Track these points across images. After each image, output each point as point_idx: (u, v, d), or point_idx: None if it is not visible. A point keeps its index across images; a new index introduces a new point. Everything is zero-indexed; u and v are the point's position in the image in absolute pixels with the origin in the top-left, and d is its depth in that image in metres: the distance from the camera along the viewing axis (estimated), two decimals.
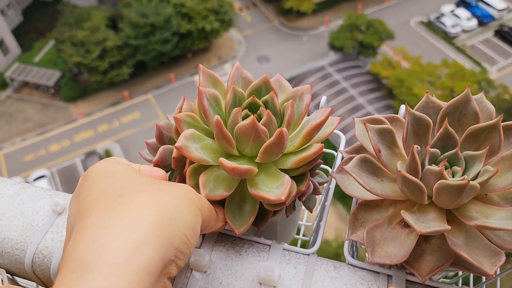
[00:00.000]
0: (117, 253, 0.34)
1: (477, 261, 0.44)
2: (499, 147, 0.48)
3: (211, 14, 14.26)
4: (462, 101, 0.51)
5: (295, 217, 0.66)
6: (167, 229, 0.37)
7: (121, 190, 0.40)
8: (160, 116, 13.78)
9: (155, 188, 0.41)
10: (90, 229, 0.36)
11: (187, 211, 0.40)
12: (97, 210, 0.38)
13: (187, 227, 0.39)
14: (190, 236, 0.39)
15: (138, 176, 0.43)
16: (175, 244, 0.37)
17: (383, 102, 12.74)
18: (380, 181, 0.51)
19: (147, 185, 0.41)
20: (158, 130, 0.55)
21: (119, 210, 0.37)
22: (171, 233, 0.37)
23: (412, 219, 0.44)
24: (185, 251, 0.39)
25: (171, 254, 0.37)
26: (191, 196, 0.43)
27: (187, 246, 0.39)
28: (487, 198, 0.49)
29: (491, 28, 15.39)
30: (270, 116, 0.50)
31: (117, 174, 0.42)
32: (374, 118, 0.55)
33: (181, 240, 0.38)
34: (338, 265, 0.53)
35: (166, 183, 0.43)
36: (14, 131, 14.00)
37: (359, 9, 16.31)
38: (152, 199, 0.39)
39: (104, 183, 0.41)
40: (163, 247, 0.36)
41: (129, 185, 0.41)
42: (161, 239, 0.36)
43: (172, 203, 0.40)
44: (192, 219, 0.40)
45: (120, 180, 0.41)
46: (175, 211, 0.39)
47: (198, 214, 0.42)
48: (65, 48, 13.66)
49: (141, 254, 0.34)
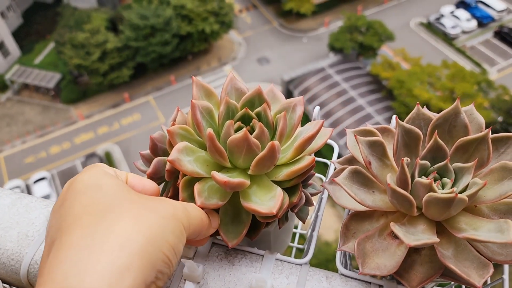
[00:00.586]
0: (99, 278, 0.33)
1: (465, 273, 0.44)
2: (488, 159, 0.49)
3: (211, 16, 14.28)
4: (452, 113, 0.52)
5: (289, 226, 0.67)
6: (151, 251, 0.36)
7: (107, 207, 0.39)
8: (160, 118, 13.80)
9: (141, 206, 0.40)
10: (72, 249, 0.35)
11: (171, 232, 0.40)
12: (80, 227, 0.37)
13: (170, 248, 0.39)
14: (172, 257, 0.39)
15: (125, 191, 0.42)
16: (157, 266, 0.37)
17: (383, 104, 12.74)
18: (371, 193, 0.52)
19: (134, 202, 0.40)
20: (152, 142, 0.56)
21: (104, 230, 0.36)
22: (154, 256, 0.37)
23: (401, 232, 0.45)
24: (166, 272, 0.39)
25: (152, 276, 0.36)
26: (178, 214, 0.42)
27: (168, 266, 0.39)
28: (477, 209, 0.50)
29: (491, 29, 15.40)
30: (263, 129, 0.50)
31: (104, 188, 0.41)
32: (365, 130, 0.56)
33: (163, 262, 0.38)
34: (330, 275, 0.54)
35: (154, 199, 0.43)
36: (14, 133, 14.01)
37: (359, 10, 16.32)
38: (138, 219, 0.38)
39: (89, 197, 0.40)
40: (145, 270, 0.35)
41: (116, 201, 0.40)
42: (144, 262, 0.35)
43: (157, 222, 0.39)
44: (175, 240, 0.40)
45: (107, 195, 0.40)
46: (161, 232, 0.38)
47: (182, 233, 0.41)
48: (65, 50, 13.68)
49: (124, 279, 0.33)
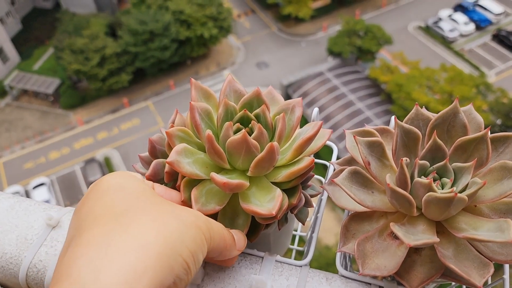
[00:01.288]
0: (114, 277, 0.32)
1: (466, 273, 0.44)
2: (487, 159, 0.49)
3: (209, 21, 14.32)
4: (451, 113, 0.52)
5: (289, 228, 0.67)
6: (169, 254, 0.36)
7: (128, 207, 0.38)
8: (159, 123, 13.80)
9: (164, 209, 0.40)
10: (89, 247, 0.35)
11: (192, 239, 0.39)
12: (99, 226, 0.37)
13: (189, 255, 0.38)
14: (191, 264, 0.38)
15: (149, 195, 0.41)
16: (175, 270, 0.36)
17: (382, 107, 12.76)
18: (370, 193, 0.51)
19: (156, 205, 0.40)
20: (151, 144, 0.56)
21: (122, 229, 0.36)
22: (172, 259, 0.36)
23: (401, 232, 0.45)
24: (184, 278, 0.38)
25: (170, 281, 0.35)
26: (199, 224, 0.41)
27: (187, 273, 0.38)
28: (477, 209, 0.50)
29: (489, 32, 15.46)
30: (261, 130, 0.50)
31: (128, 190, 0.41)
32: (364, 130, 0.56)
33: (182, 267, 0.37)
34: (330, 277, 0.54)
35: (177, 206, 0.42)
36: (13, 139, 14.00)
37: (357, 14, 16.38)
38: (158, 221, 0.38)
39: (112, 197, 0.40)
40: (163, 273, 0.35)
41: (138, 203, 0.39)
42: (162, 264, 0.35)
43: (178, 228, 0.38)
44: (196, 248, 0.39)
45: (130, 196, 0.40)
46: (180, 236, 0.38)
47: (203, 243, 0.40)
48: (64, 55, 13.70)
49: (140, 280, 0.33)
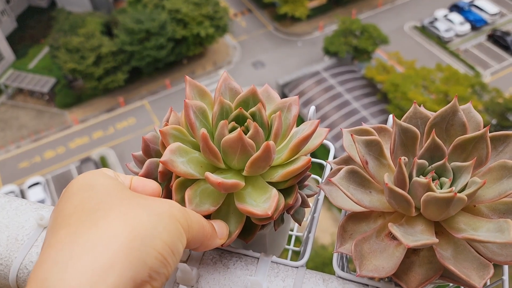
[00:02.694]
0: (80, 275, 0.31)
1: (465, 274, 0.44)
2: (486, 158, 0.48)
3: (206, 20, 14.27)
4: (450, 112, 0.51)
5: (285, 229, 0.66)
6: (140, 248, 0.35)
7: (98, 205, 0.38)
8: (155, 122, 13.75)
9: (135, 203, 0.39)
10: (55, 247, 0.34)
11: (166, 229, 0.38)
12: (66, 226, 0.36)
13: (164, 246, 0.37)
14: (168, 255, 0.37)
15: (120, 190, 0.41)
16: (149, 264, 0.35)
17: (378, 107, 12.77)
18: (368, 193, 0.51)
19: (127, 200, 0.39)
20: (145, 143, 0.55)
21: (89, 227, 0.35)
22: (144, 252, 0.35)
23: (400, 232, 0.44)
24: (162, 271, 0.36)
25: (143, 275, 0.34)
26: (174, 213, 0.40)
27: (164, 265, 0.37)
28: (476, 209, 0.49)
29: (484, 33, 15.50)
30: (257, 129, 0.49)
31: (97, 187, 0.40)
32: (362, 129, 0.55)
33: (157, 260, 0.36)
34: (327, 278, 0.53)
35: (149, 198, 0.41)
36: (8, 138, 13.91)
37: (353, 14, 16.38)
38: (128, 214, 0.37)
39: (81, 197, 0.39)
40: (133, 267, 0.34)
41: (107, 200, 0.38)
42: (131, 259, 0.34)
43: (149, 219, 0.37)
44: (172, 238, 0.38)
45: (99, 194, 0.39)
46: (152, 228, 0.37)
47: (180, 232, 0.39)
48: (59, 54, 13.61)
49: (107, 276, 0.32)
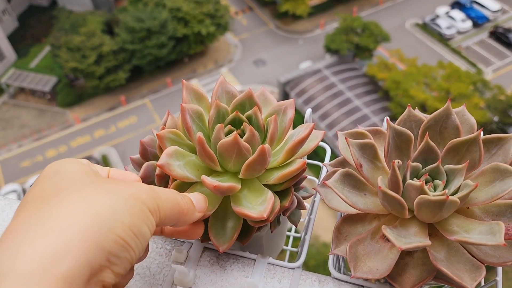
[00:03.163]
0: (31, 260, 0.31)
1: (458, 276, 0.44)
2: (479, 161, 0.49)
3: (207, 18, 14.27)
4: (443, 115, 0.51)
5: (282, 230, 0.66)
6: (98, 232, 0.34)
7: (57, 191, 0.36)
8: (156, 121, 13.77)
9: (97, 187, 0.37)
10: (10, 234, 0.33)
11: (128, 212, 0.36)
12: (24, 212, 0.35)
13: (125, 229, 0.35)
14: (130, 239, 0.36)
15: (85, 176, 0.39)
16: (108, 248, 0.34)
17: (379, 104, 12.75)
18: (362, 195, 0.51)
19: (89, 184, 0.38)
20: (142, 146, 0.55)
21: (46, 212, 0.34)
22: (102, 236, 0.34)
23: (393, 235, 0.45)
24: (123, 255, 0.35)
25: (101, 259, 0.33)
26: (139, 195, 0.38)
27: (125, 249, 0.35)
28: (469, 211, 0.50)
29: (486, 30, 15.45)
30: (253, 132, 0.50)
31: (62, 173, 0.39)
32: (357, 132, 0.56)
33: (116, 244, 0.34)
34: (323, 279, 0.53)
35: (114, 182, 0.40)
36: (10, 137, 13.95)
37: (354, 11, 16.35)
38: (87, 199, 0.36)
39: (44, 183, 0.38)
40: (90, 252, 0.33)
41: (69, 185, 0.37)
42: (88, 243, 0.33)
43: (110, 203, 0.36)
44: (135, 221, 0.36)
45: (62, 180, 0.38)
46: (111, 212, 0.35)
47: (145, 215, 0.38)
48: (61, 53, 13.63)
49: (61, 261, 0.31)
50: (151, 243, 0.57)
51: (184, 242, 0.57)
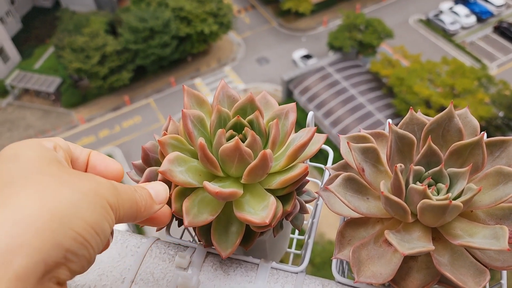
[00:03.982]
0: None
1: (462, 280, 0.44)
2: (482, 164, 0.49)
3: (209, 17, 14.26)
4: (446, 118, 0.51)
5: (285, 234, 0.66)
6: (55, 228, 0.32)
7: (14, 179, 0.34)
8: (161, 120, 13.80)
9: (58, 179, 0.35)
10: None
11: (88, 208, 0.35)
12: None
13: (85, 226, 0.34)
14: (90, 237, 0.34)
15: (46, 164, 0.37)
16: (65, 245, 0.32)
17: (383, 101, 12.71)
18: (365, 200, 0.51)
19: (49, 175, 0.35)
20: (144, 152, 0.55)
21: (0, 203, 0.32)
22: (60, 233, 0.32)
23: (396, 240, 0.44)
24: (81, 253, 0.34)
25: (57, 256, 0.32)
26: (101, 191, 0.37)
27: (84, 247, 0.34)
28: (473, 215, 0.49)
29: (490, 25, 15.35)
30: (255, 137, 0.50)
31: (21, 159, 0.36)
32: (359, 135, 0.55)
33: (75, 241, 0.33)
34: (327, 283, 0.53)
35: (76, 174, 0.37)
36: (15, 138, 14.02)
37: (357, 8, 16.29)
38: (45, 192, 0.33)
39: (1, 168, 0.35)
40: (45, 249, 0.31)
41: (27, 174, 0.35)
42: (43, 239, 0.31)
43: (70, 198, 0.34)
44: (96, 218, 0.35)
45: (20, 167, 0.35)
46: (71, 207, 0.34)
47: (107, 211, 0.37)
48: (65, 54, 13.68)
49: (13, 257, 0.29)
50: (154, 248, 0.57)
51: (187, 247, 0.57)
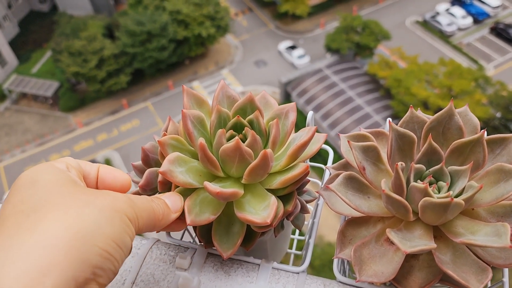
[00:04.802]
0: (14, 281, 0.31)
1: (464, 278, 0.44)
2: (483, 161, 0.48)
3: (207, 20, 14.28)
4: (446, 116, 0.51)
5: (286, 234, 0.66)
6: (82, 246, 0.34)
7: (37, 204, 0.36)
8: (159, 124, 13.79)
9: (77, 201, 0.37)
10: None
11: (109, 223, 0.37)
12: (4, 229, 0.35)
13: (108, 241, 0.36)
14: (113, 250, 0.36)
15: (64, 186, 0.39)
16: (92, 262, 0.34)
17: (381, 103, 12.73)
18: (366, 198, 0.51)
19: (69, 198, 0.37)
20: (144, 153, 0.55)
21: (29, 228, 0.34)
22: (86, 251, 0.34)
23: (398, 238, 0.44)
24: (107, 267, 0.36)
25: (86, 273, 0.34)
26: (118, 206, 0.39)
27: (109, 261, 0.36)
28: (474, 212, 0.49)
29: (487, 26, 15.41)
30: (255, 137, 0.50)
31: (40, 184, 0.38)
32: (359, 134, 0.55)
33: (100, 256, 0.35)
34: (328, 283, 0.53)
35: (93, 192, 0.40)
36: (13, 142, 13.99)
37: (354, 10, 16.33)
38: (69, 214, 0.35)
39: (22, 195, 0.37)
40: (74, 267, 0.33)
41: (49, 198, 0.37)
42: (72, 258, 0.33)
43: (91, 216, 0.36)
44: (116, 231, 0.37)
45: (40, 192, 0.37)
46: (93, 224, 0.36)
47: (127, 225, 0.39)
48: (62, 58, 13.67)
49: (45, 279, 0.31)
50: (154, 249, 0.57)
51: (188, 248, 0.57)
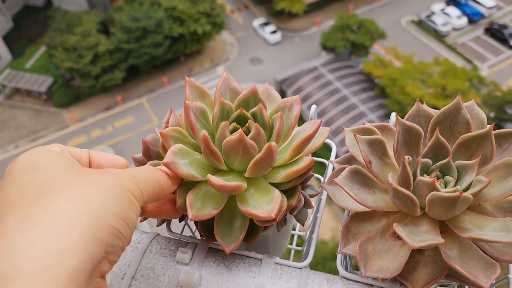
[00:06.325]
0: (34, 262, 0.31)
1: (472, 274, 0.43)
2: (491, 156, 0.48)
3: (202, 17, 14.22)
4: (453, 109, 0.50)
5: (287, 229, 0.65)
6: (94, 225, 0.34)
7: (43, 187, 0.36)
8: (153, 120, 13.73)
9: (83, 182, 0.38)
10: (5, 236, 0.33)
11: (117, 201, 0.37)
12: (14, 212, 0.35)
13: (118, 219, 0.36)
14: (122, 228, 0.37)
15: (65, 169, 0.39)
16: (104, 240, 0.35)
17: (376, 102, 12.77)
18: (371, 193, 0.50)
19: (74, 179, 0.38)
20: (145, 145, 0.54)
21: (39, 212, 0.34)
22: (98, 229, 0.34)
23: (405, 233, 0.43)
24: (117, 244, 0.36)
25: (100, 251, 0.34)
26: (124, 183, 0.39)
27: (119, 238, 0.37)
28: (481, 208, 0.49)
29: (481, 26, 15.48)
30: (259, 130, 0.49)
31: (41, 167, 0.38)
32: (364, 128, 0.54)
33: (111, 234, 0.35)
34: (331, 279, 0.52)
35: (95, 172, 0.40)
36: (7, 138, 13.88)
37: (350, 9, 16.35)
38: (77, 195, 0.36)
39: (24, 180, 0.37)
40: (90, 246, 0.33)
41: (53, 180, 0.37)
42: (86, 238, 0.33)
43: (99, 195, 0.36)
44: (124, 209, 0.38)
45: (42, 174, 0.37)
46: (102, 204, 0.36)
47: (132, 202, 0.39)
48: (56, 53, 13.56)
49: (64, 260, 0.32)
50: (154, 243, 0.56)
51: (188, 242, 0.56)
